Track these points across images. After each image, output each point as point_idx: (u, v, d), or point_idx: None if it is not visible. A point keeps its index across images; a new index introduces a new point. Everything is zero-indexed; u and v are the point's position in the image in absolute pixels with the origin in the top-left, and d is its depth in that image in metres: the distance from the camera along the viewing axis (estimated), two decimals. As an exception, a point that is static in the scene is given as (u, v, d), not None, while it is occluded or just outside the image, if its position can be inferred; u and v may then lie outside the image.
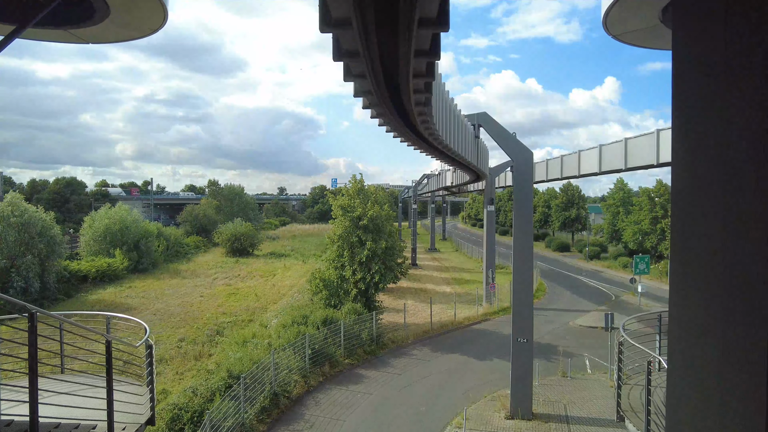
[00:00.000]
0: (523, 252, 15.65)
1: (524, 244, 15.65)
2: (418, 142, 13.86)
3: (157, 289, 42.40)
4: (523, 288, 15.83)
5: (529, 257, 15.69)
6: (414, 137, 13.47)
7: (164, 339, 28.46)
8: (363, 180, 26.71)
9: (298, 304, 29.13)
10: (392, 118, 10.19)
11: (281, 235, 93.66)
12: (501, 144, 15.87)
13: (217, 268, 54.68)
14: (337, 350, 20.67)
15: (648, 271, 34.66)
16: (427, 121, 11.10)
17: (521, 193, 15.52)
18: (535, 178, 30.25)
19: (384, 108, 9.30)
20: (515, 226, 15.75)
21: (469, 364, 21.78)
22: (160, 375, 22.81)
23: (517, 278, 15.87)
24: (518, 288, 15.85)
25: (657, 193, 51.51)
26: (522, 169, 15.51)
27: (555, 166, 26.94)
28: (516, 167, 15.62)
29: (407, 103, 8.77)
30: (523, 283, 15.84)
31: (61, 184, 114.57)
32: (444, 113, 13.08)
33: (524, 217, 15.57)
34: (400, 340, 24.11)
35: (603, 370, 21.24)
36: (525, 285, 15.84)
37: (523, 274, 15.77)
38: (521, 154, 15.51)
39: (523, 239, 15.63)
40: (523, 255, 15.64)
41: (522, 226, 15.59)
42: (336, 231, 25.52)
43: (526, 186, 15.55)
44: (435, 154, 18.50)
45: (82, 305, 35.89)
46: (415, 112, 9.64)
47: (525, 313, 15.86)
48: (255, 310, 34.98)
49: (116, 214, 52.20)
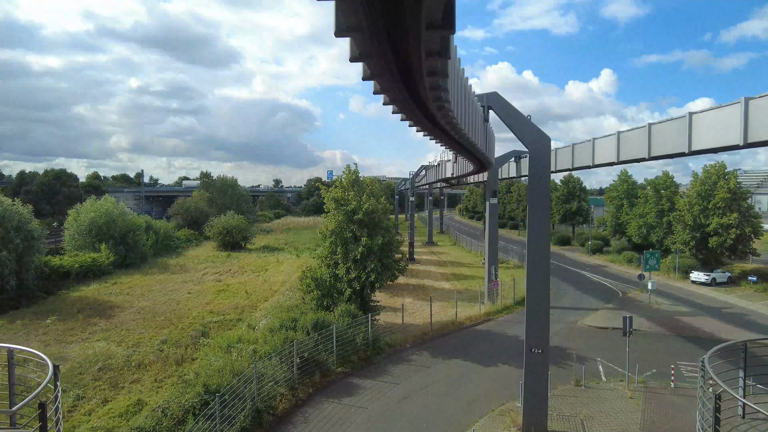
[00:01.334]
0: (539, 252, 13.78)
1: (540, 243, 13.76)
2: (424, 122, 11.94)
3: (144, 285, 40.57)
4: (539, 293, 14.00)
5: (545, 259, 13.84)
6: (426, 121, 11.60)
7: (146, 341, 26.65)
8: (358, 171, 24.66)
9: (288, 303, 27.28)
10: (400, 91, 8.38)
11: (275, 228, 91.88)
12: (514, 129, 13.94)
13: (208, 262, 52.85)
14: (329, 357, 18.81)
15: (658, 268, 33.00)
16: (444, 107, 9.33)
17: (537, 186, 13.60)
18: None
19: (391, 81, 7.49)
20: (530, 223, 13.86)
21: (473, 371, 20.02)
22: (137, 383, 21.03)
23: (532, 282, 14.02)
24: (533, 293, 14.01)
25: (663, 186, 49.74)
26: (538, 157, 13.59)
27: (565, 156, 25.02)
28: (532, 155, 13.72)
29: (419, 81, 7.07)
30: (539, 287, 14.00)
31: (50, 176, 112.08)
32: (459, 94, 11.22)
33: (540, 214, 13.67)
34: (398, 343, 22.30)
35: (618, 377, 19.54)
36: (540, 290, 14.00)
37: (538, 277, 13.92)
38: (538, 141, 13.59)
39: (539, 238, 13.73)
40: (539, 256, 13.78)
41: (538, 224, 13.68)
42: (328, 226, 23.49)
43: (543, 177, 13.63)
44: (445, 140, 16.60)
45: (63, 303, 33.98)
46: (430, 97, 8.05)
47: (540, 321, 14.04)
48: (244, 309, 33.18)
49: (102, 207, 50.10)
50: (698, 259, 43.02)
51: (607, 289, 37.88)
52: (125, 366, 22.56)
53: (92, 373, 21.66)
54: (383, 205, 24.26)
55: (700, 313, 29.80)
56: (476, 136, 15.99)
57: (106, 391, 20.23)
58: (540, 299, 14.01)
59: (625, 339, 18.85)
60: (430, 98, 8.59)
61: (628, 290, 37.30)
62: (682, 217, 42.54)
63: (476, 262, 51.90)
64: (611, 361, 21.41)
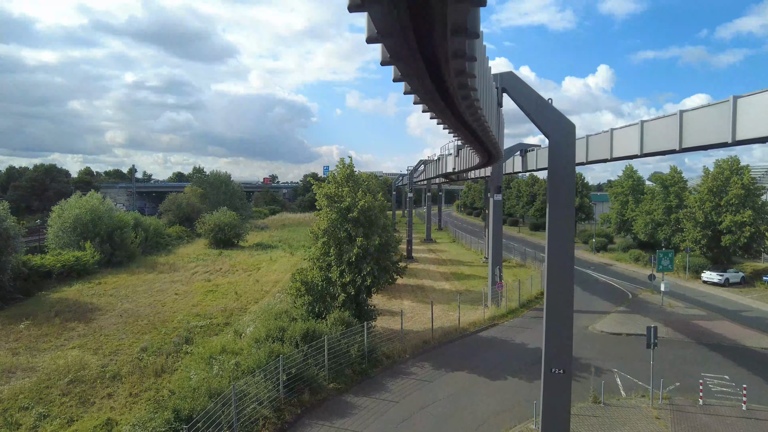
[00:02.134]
0: (561, 258, 11.78)
1: (562, 247, 11.77)
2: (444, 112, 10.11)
3: (130, 286, 38.66)
4: (560, 304, 12.04)
5: (569, 266, 11.86)
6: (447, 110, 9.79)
7: (125, 348, 24.76)
8: (352, 165, 22.62)
9: (278, 309, 25.34)
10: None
11: (270, 225, 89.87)
12: (532, 114, 11.98)
13: (199, 260, 50.93)
14: (320, 372, 16.85)
15: (672, 268, 31.17)
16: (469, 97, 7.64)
17: (560, 181, 11.61)
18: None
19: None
20: (550, 224, 11.91)
21: (480, 386, 18.15)
22: (110, 398, 19.12)
23: (552, 291, 12.06)
24: (553, 304, 12.05)
25: (671, 181, 47.87)
26: (561, 147, 11.63)
27: (579, 149, 23.01)
28: (553, 145, 11.76)
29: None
30: (560, 298, 12.02)
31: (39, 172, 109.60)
32: (480, 78, 9.37)
33: (563, 213, 11.68)
34: (397, 354, 20.37)
35: (639, 392, 17.71)
36: (562, 301, 12.02)
37: (559, 286, 11.95)
38: (561, 128, 11.64)
39: (562, 241, 11.72)
40: (561, 262, 11.79)
41: (560, 225, 11.70)
42: (321, 224, 21.41)
43: (566, 170, 11.62)
44: (459, 128, 14.65)
45: (41, 305, 31.98)
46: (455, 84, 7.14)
47: (562, 336, 12.08)
48: (233, 311, 31.31)
49: (87, 203, 48.06)
50: (707, 257, 41.27)
51: (615, 290, 36.06)
52: (99, 378, 20.64)
53: (61, 386, 19.72)
54: (380, 202, 22.28)
55: (718, 317, 28.00)
56: (491, 122, 14.05)
57: (73, 408, 18.30)
58: (562, 312, 12.07)
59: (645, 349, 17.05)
60: (455, 86, 7.09)
61: (638, 291, 35.48)
62: (693, 214, 40.71)
63: (476, 260, 50.05)
64: (629, 373, 19.60)
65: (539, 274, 35.91)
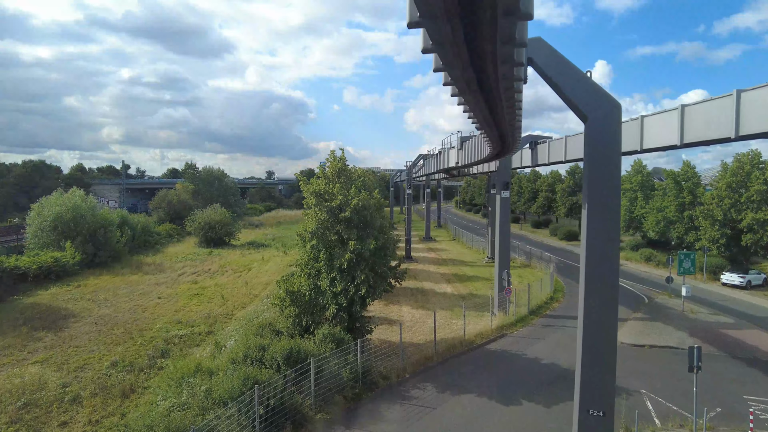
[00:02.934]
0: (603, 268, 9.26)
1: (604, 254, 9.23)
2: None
3: (111, 288, 36.28)
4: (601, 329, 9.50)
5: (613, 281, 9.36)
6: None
7: (94, 362, 22.32)
8: (344, 158, 20.01)
9: (262, 319, 22.86)
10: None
11: (265, 222, 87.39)
12: (565, 89, 9.41)
13: (187, 260, 48.49)
14: (305, 400, 14.37)
15: (694, 271, 28.78)
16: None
17: (602, 172, 9.08)
18: (566, 156, 23.99)
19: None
20: (588, 226, 9.42)
21: (491, 412, 15.70)
22: (65, 426, 16.64)
23: (590, 310, 9.52)
24: (592, 331, 9.51)
25: (684, 177, 45.39)
26: (602, 130, 9.11)
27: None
28: (592, 128, 9.24)
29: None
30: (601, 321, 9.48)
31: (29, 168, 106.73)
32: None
33: (606, 212, 9.18)
34: (395, 373, 17.84)
35: (676, 420, 15.29)
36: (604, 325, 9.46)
37: (600, 305, 9.42)
38: (603, 106, 9.12)
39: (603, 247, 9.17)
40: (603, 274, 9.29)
41: (601, 227, 9.20)
42: (308, 226, 18.82)
43: (610, 159, 9.04)
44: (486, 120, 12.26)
45: (10, 312, 29.50)
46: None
47: (604, 369, 9.57)
48: (217, 318, 28.90)
49: (69, 201, 45.53)
50: (724, 257, 38.90)
51: (629, 293, 33.62)
52: (57, 401, 18.14)
53: (10, 412, 17.21)
54: (377, 199, 19.73)
55: (748, 325, 25.58)
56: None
57: (20, 440, 15.86)
58: (604, 339, 9.57)
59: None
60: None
61: (654, 294, 33.06)
62: (710, 211, 38.27)
63: (478, 259, 47.65)
64: (660, 395, 17.17)
65: (548, 277, 33.48)
